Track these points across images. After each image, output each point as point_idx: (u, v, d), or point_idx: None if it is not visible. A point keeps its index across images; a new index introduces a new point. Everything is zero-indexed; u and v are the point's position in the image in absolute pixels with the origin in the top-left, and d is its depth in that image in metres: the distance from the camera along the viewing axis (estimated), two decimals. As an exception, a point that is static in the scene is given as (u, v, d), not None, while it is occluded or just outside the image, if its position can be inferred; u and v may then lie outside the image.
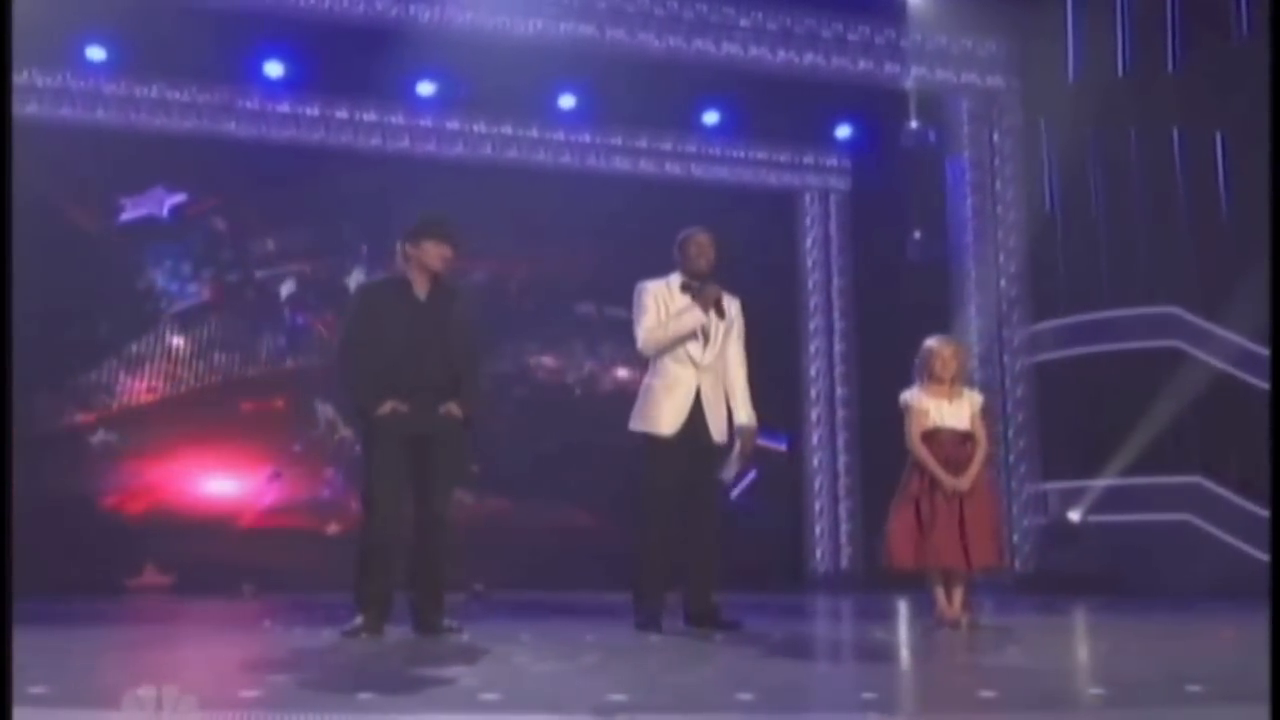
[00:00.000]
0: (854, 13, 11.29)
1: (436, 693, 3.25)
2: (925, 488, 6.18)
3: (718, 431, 5.90)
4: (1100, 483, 10.68)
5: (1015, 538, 11.50)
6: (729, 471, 5.89)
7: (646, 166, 12.34)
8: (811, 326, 12.60)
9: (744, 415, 5.98)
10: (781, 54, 11.20)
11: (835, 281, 12.69)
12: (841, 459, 12.54)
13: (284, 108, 11.34)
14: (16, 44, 9.99)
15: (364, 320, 5.65)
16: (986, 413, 6.50)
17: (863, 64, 11.35)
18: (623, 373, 11.82)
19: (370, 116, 11.56)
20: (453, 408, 5.57)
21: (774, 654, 4.51)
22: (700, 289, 5.89)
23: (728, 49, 11.09)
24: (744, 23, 11.15)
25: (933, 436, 6.25)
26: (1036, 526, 11.36)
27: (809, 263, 12.76)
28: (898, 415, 11.55)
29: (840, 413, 12.56)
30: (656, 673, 3.73)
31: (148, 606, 7.45)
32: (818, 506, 12.48)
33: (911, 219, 11.85)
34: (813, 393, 12.69)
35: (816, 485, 12.57)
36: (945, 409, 6.28)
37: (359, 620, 5.37)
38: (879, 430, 12.06)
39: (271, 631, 5.89)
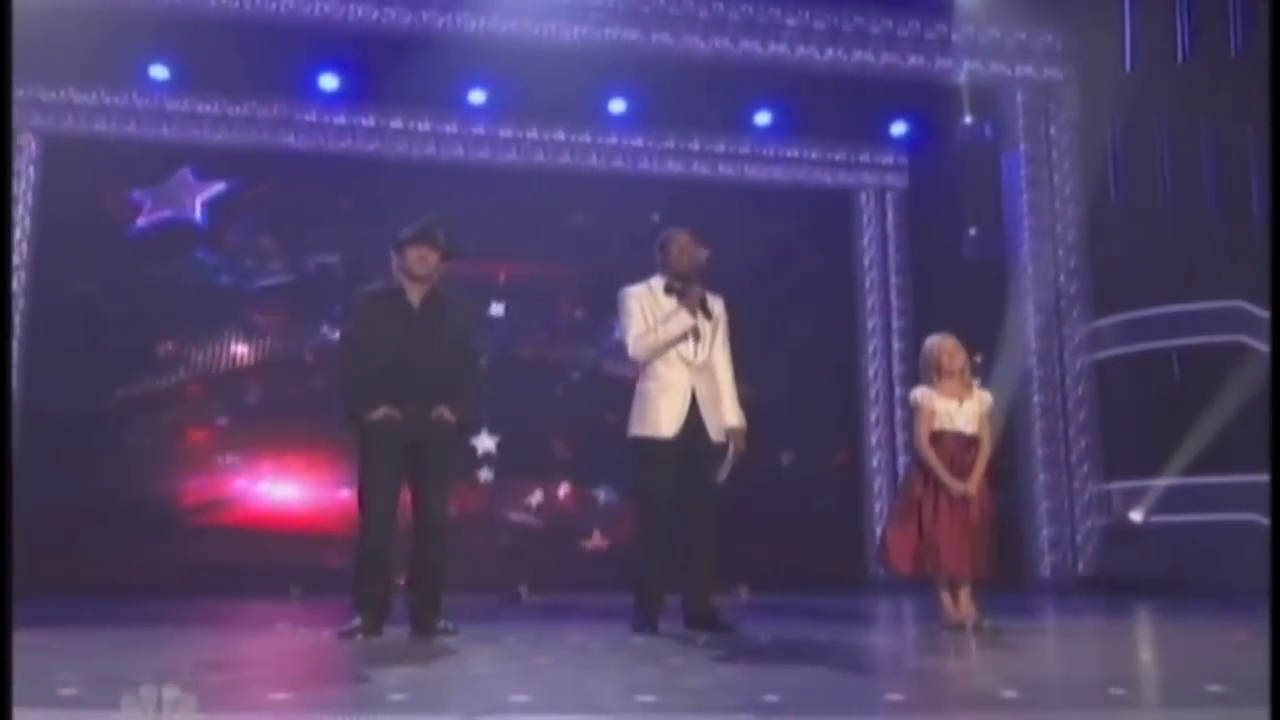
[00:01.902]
0: (903, 8, 11.18)
1: (349, 692, 3.34)
2: (929, 490, 6.11)
3: (716, 432, 5.91)
4: (1162, 482, 10.42)
5: (1078, 539, 11.28)
6: (723, 473, 5.89)
7: (700, 169, 12.35)
8: (869, 326, 12.49)
9: (733, 417, 5.97)
10: (830, 52, 11.13)
11: (893, 280, 12.56)
12: (901, 460, 12.39)
13: (340, 119, 11.58)
14: (85, 67, 10.49)
15: (358, 328, 5.79)
16: (993, 415, 6.40)
17: (913, 60, 11.23)
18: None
19: (424, 126, 11.76)
20: (445, 413, 5.67)
21: (740, 657, 4.51)
22: (684, 290, 5.90)
23: (774, 49, 11.06)
24: (791, 22, 11.10)
25: (938, 439, 6.17)
26: (1098, 527, 11.11)
27: (866, 262, 12.64)
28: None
29: (899, 413, 12.41)
30: (611, 673, 3.74)
31: (165, 607, 7.65)
32: (878, 508, 12.35)
33: (967, 216, 11.68)
34: (871, 393, 12.59)
35: (876, 486, 12.46)
36: (955, 410, 6.19)
37: (356, 622, 5.49)
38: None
39: (276, 633, 6.03)
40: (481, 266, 11.77)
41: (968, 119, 11.59)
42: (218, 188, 11.60)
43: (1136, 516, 10.61)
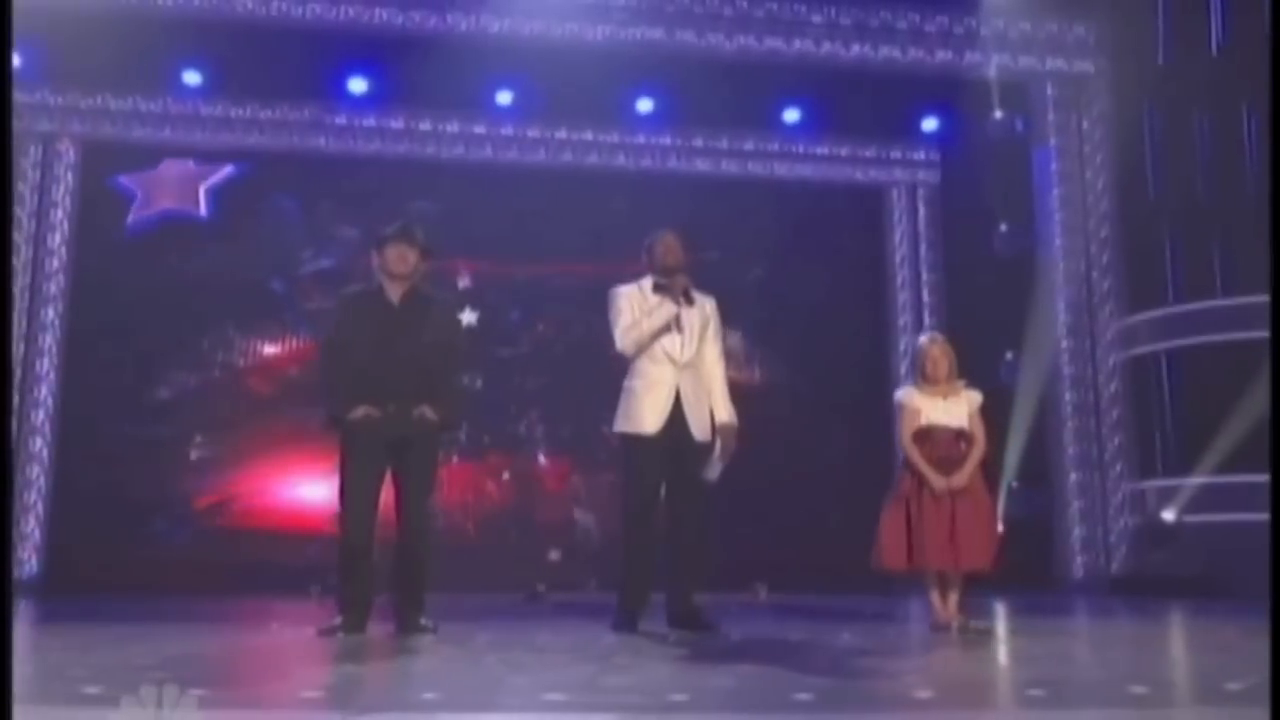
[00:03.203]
0: (930, 3, 11.09)
1: (261, 691, 3.39)
2: (916, 488, 6.07)
3: (700, 430, 5.90)
4: (1194, 481, 10.23)
5: (1110, 539, 11.11)
6: (712, 471, 5.88)
7: (729, 167, 12.33)
8: (901, 323, 12.38)
9: (724, 414, 5.96)
10: (856, 48, 11.08)
11: (925, 277, 12.44)
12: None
13: (369, 122, 11.72)
14: (121, 74, 10.71)
15: (338, 328, 5.84)
16: (985, 412, 6.34)
17: (941, 55, 11.14)
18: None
19: (453, 127, 11.85)
20: (426, 411, 5.71)
21: (685, 656, 4.51)
22: (670, 282, 5.92)
23: (799, 46, 11.03)
24: (817, 19, 11.06)
25: (926, 435, 6.14)
26: (1131, 527, 10.93)
27: (897, 259, 12.53)
28: (990, 409, 11.37)
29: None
30: (596, 675, 3.73)
31: (172, 604, 7.79)
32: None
33: (997, 211, 11.56)
34: (903, 390, 12.46)
35: (909, 485, 12.33)
36: (939, 407, 6.16)
37: (338, 620, 5.57)
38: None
39: (265, 631, 6.12)
40: (509, 267, 11.89)
41: (998, 114, 11.47)
42: (228, 183, 11.75)
43: (1169, 516, 10.43)
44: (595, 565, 10.77)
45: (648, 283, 6.02)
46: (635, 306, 5.94)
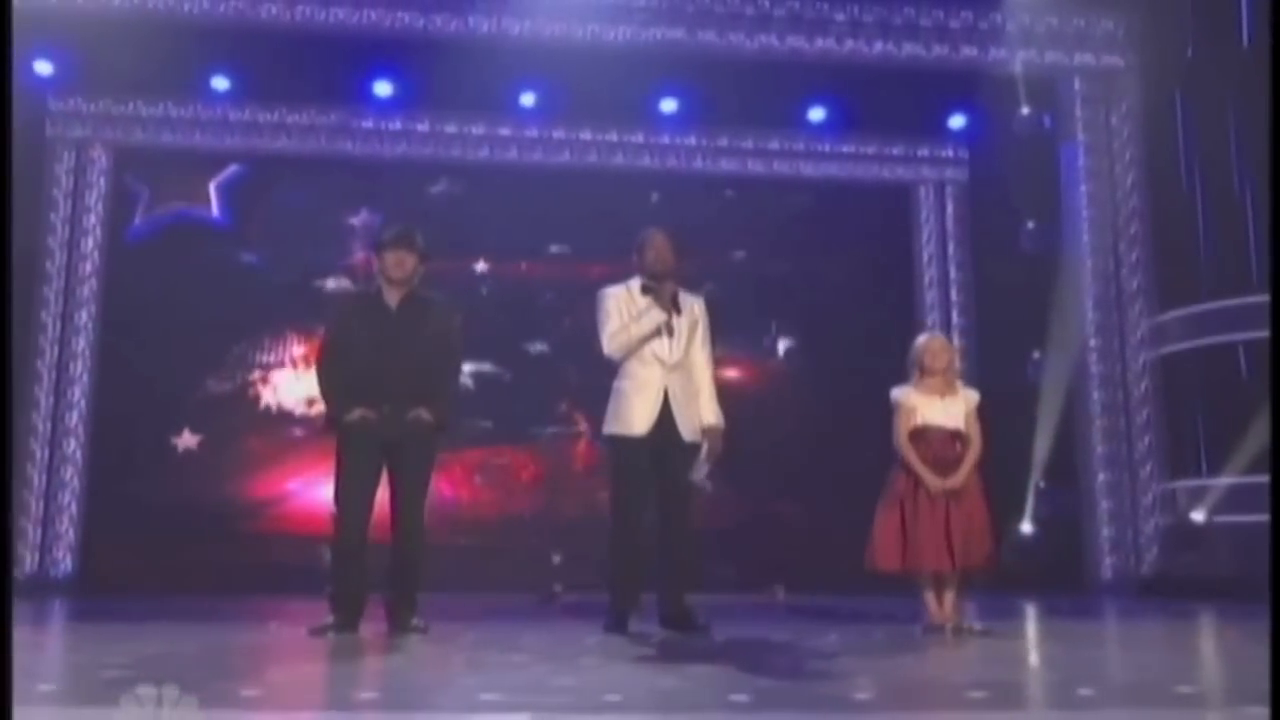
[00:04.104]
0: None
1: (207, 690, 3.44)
2: (910, 488, 6.03)
3: (689, 431, 5.91)
4: (1225, 480, 10.05)
5: (1140, 540, 10.95)
6: (699, 472, 5.88)
7: (755, 166, 12.26)
8: (929, 322, 12.24)
9: (711, 415, 5.97)
10: (879, 46, 11.01)
11: (953, 276, 12.30)
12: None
13: (395, 125, 11.81)
14: (152, 81, 10.91)
15: (336, 332, 5.94)
16: (982, 412, 6.28)
17: (965, 51, 11.03)
18: (732, 373, 11.95)
19: (478, 130, 11.90)
20: (422, 413, 5.78)
21: (653, 658, 4.51)
22: (658, 287, 5.93)
23: (822, 44, 10.98)
24: (839, 17, 11.01)
25: (921, 434, 6.11)
26: (1161, 528, 10.76)
27: (925, 257, 12.41)
28: (1015, 410, 11.26)
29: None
30: (547, 675, 3.76)
31: (203, 606, 7.89)
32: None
33: (1024, 209, 11.44)
34: (932, 390, 12.35)
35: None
36: (936, 406, 6.13)
37: (330, 620, 5.64)
38: (999, 424, 11.63)
39: (261, 631, 6.19)
40: (536, 267, 11.93)
41: (1025, 110, 11.34)
42: (257, 186, 11.88)
43: (1199, 516, 10.25)
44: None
45: (636, 284, 6.04)
46: (623, 309, 5.96)
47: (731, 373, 11.98)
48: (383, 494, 5.84)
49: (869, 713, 3.02)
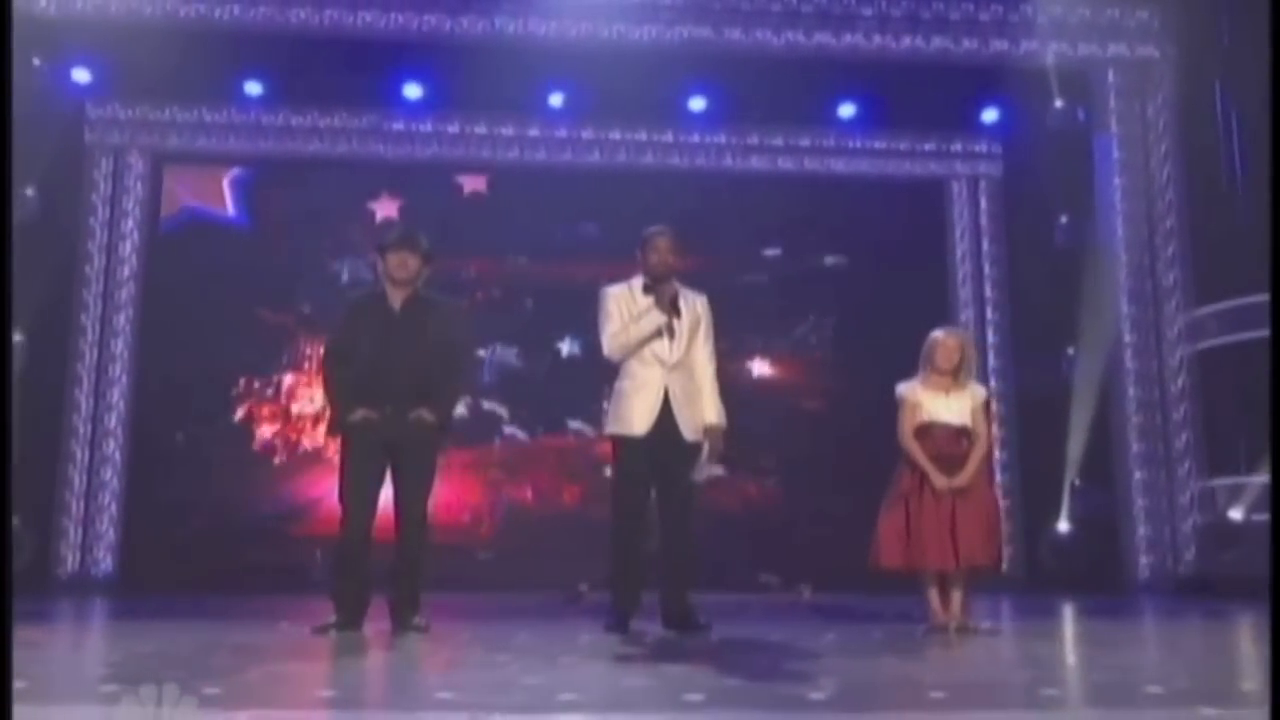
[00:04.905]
0: (984, -9, 10.86)
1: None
2: (915, 485, 5.98)
3: (690, 430, 5.90)
4: (1263, 478, 9.84)
5: (1178, 538, 10.76)
6: (701, 472, 5.87)
7: (785, 164, 12.19)
8: (963, 319, 12.11)
9: (713, 415, 5.95)
10: (907, 41, 10.90)
11: (987, 271, 12.15)
12: (997, 454, 12.00)
13: (426, 127, 11.88)
14: (188, 86, 11.07)
15: (340, 333, 6.00)
16: (989, 409, 6.21)
17: (996, 44, 10.91)
18: (760, 367, 11.96)
19: (508, 131, 11.94)
20: (424, 414, 5.82)
21: (641, 656, 4.50)
22: (657, 289, 5.92)
23: (850, 39, 10.89)
24: (867, 11, 10.92)
25: (926, 431, 6.05)
26: (1199, 527, 10.56)
27: (959, 252, 12.27)
28: (1050, 407, 11.11)
29: (994, 406, 12.02)
30: (517, 675, 3.77)
31: (214, 605, 7.97)
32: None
33: (1058, 203, 11.29)
34: (967, 386, 12.22)
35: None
36: (941, 403, 6.07)
37: (333, 618, 5.70)
38: (1035, 422, 11.54)
39: (270, 629, 6.25)
40: (567, 267, 11.95)
41: (1059, 103, 11.19)
42: (290, 190, 11.99)
43: (1237, 515, 10.06)
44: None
45: (638, 283, 6.04)
46: (624, 309, 5.96)
47: (765, 370, 11.98)
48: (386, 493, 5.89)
49: (817, 712, 2.99)
